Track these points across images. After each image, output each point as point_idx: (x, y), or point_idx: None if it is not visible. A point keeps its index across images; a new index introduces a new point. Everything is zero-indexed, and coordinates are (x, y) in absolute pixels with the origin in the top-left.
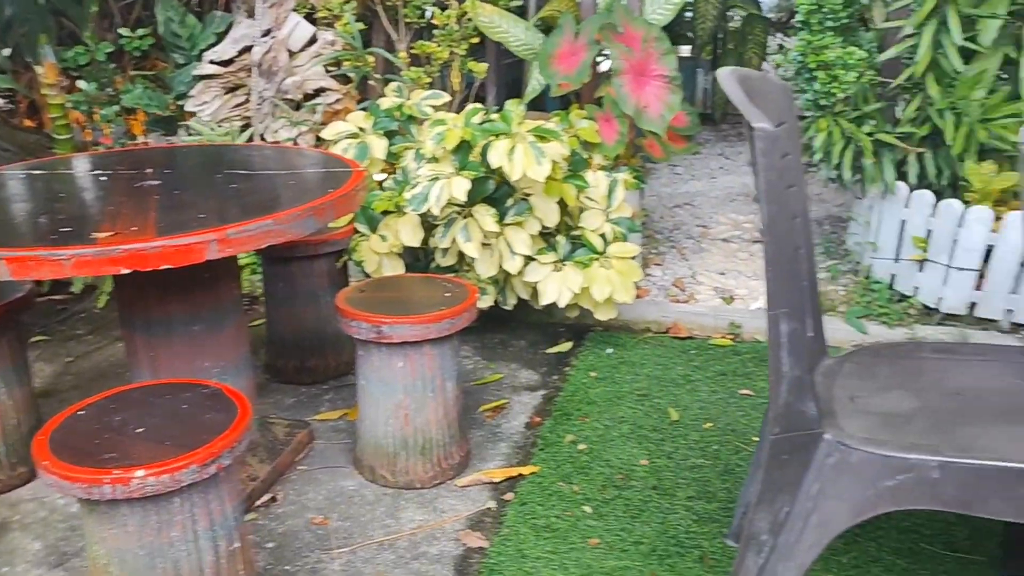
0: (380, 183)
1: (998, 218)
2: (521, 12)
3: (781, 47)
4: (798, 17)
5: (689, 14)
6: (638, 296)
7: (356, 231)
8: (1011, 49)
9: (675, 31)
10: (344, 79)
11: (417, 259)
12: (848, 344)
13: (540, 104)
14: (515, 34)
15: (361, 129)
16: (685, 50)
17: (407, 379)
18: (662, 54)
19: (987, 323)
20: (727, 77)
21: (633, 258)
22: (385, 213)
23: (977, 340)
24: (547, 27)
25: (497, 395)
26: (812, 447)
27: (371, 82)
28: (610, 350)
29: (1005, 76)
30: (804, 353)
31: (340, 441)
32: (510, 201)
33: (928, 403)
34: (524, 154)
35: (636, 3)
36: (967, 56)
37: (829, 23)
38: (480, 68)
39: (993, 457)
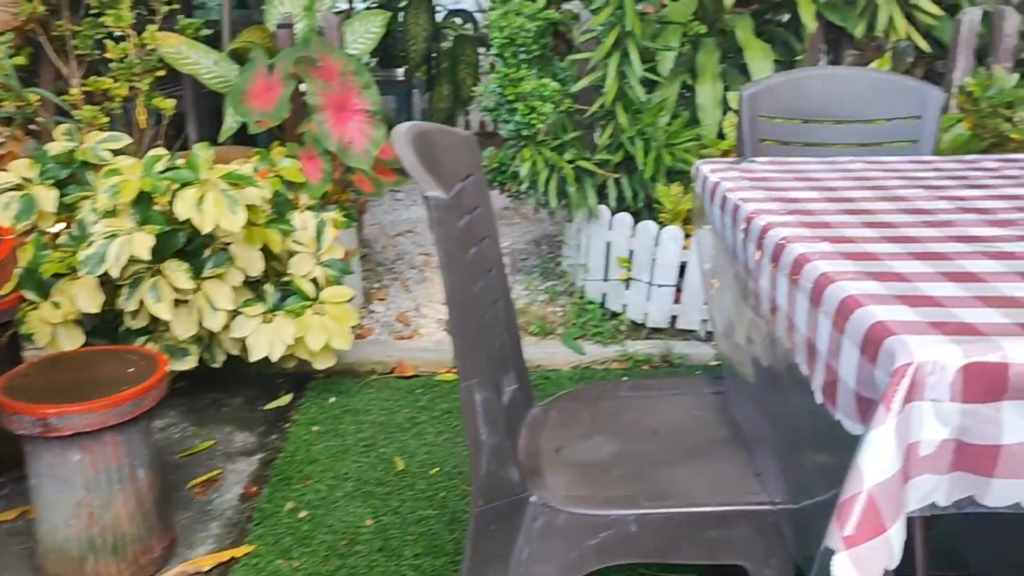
0: (55, 236)
1: (687, 236)
2: (215, 42)
3: (493, 67)
4: (493, 51)
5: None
6: (360, 336)
7: (23, 299)
8: (687, 77)
9: (389, 52)
10: (6, 121)
11: (106, 322)
12: (568, 366)
13: (250, 138)
14: (206, 65)
15: (26, 179)
16: (399, 72)
17: (87, 474)
18: (362, 87)
19: (687, 333)
20: (400, 138)
21: (349, 300)
22: (57, 276)
23: (679, 351)
24: (243, 58)
25: (209, 465)
26: (519, 512)
27: (36, 125)
28: (333, 399)
29: (684, 101)
30: (502, 420)
31: (19, 546)
32: (207, 252)
33: (628, 446)
34: (215, 203)
35: (335, 33)
36: (651, 85)
37: (523, 56)
38: (167, 104)
39: (682, 503)
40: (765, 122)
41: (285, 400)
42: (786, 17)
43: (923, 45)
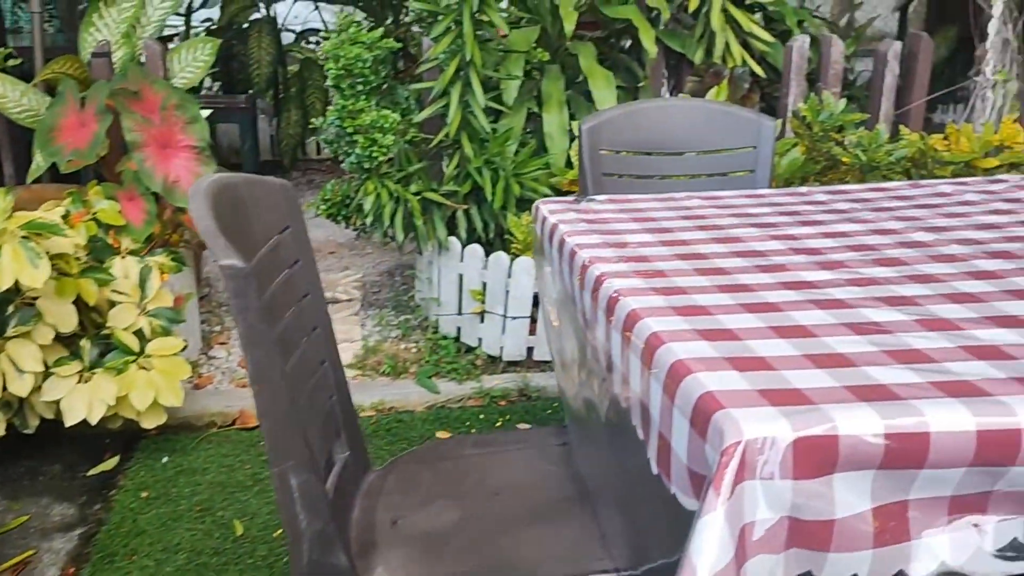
0: None
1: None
2: (26, 74)
3: (328, 96)
4: (328, 82)
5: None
6: (198, 386)
7: None
8: (533, 104)
9: (233, 78)
10: None
11: None
12: (422, 406)
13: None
14: (12, 98)
15: None
16: (242, 98)
17: None
18: (187, 122)
19: (544, 365)
20: (197, 196)
21: (181, 351)
22: None
23: (536, 383)
24: (54, 90)
25: (22, 545)
26: None
27: None
28: (166, 458)
29: (531, 131)
30: (323, 503)
31: None
32: (10, 309)
33: (470, 512)
34: (13, 257)
35: (158, 62)
36: (497, 114)
37: (360, 87)
38: None
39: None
40: (606, 155)
41: (111, 464)
42: (628, 43)
43: (758, 71)
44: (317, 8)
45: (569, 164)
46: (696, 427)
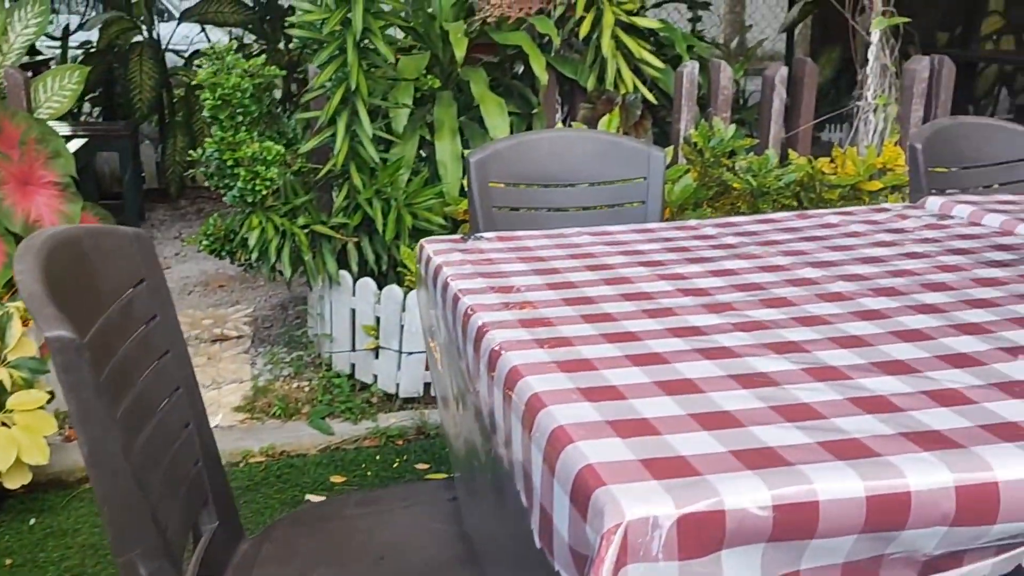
0: None
1: None
2: None
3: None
4: (205, 113)
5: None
6: (68, 438)
7: None
8: (425, 132)
9: (115, 103)
10: None
11: None
12: (316, 449)
13: None
14: None
15: None
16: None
17: None
18: (49, 157)
19: None
20: (26, 257)
21: (47, 404)
22: None
23: (434, 420)
24: None
25: None
26: None
27: None
28: (33, 520)
29: (424, 159)
30: None
31: None
32: None
33: None
34: None
35: (21, 93)
36: (388, 142)
37: (240, 118)
38: None
39: None
40: (496, 188)
41: None
42: (521, 69)
43: (650, 97)
44: (203, 30)
45: (463, 193)
46: (577, 504)
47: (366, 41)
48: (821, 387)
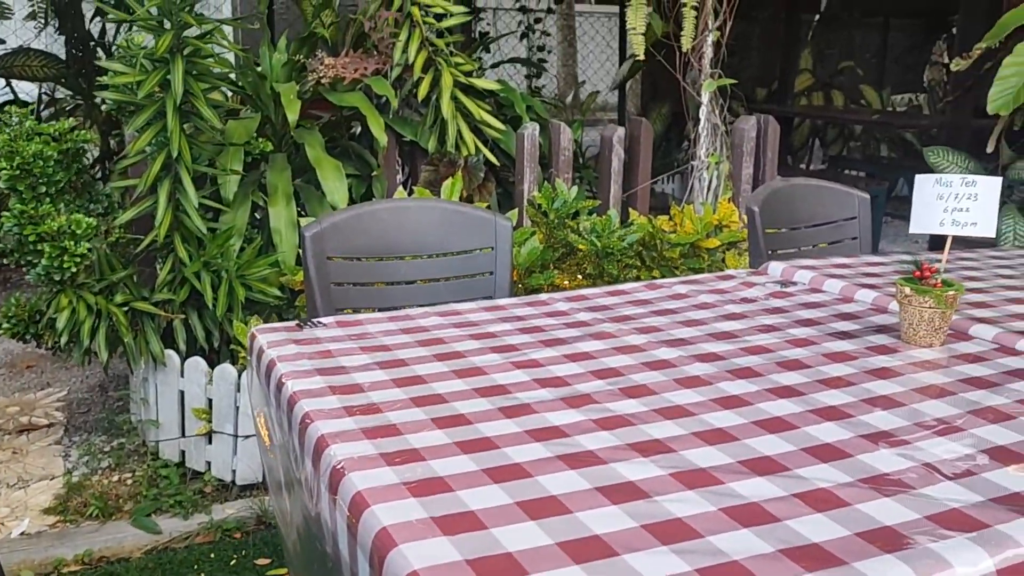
0: None
1: None
2: None
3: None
4: (1, 184)
5: None
6: None
7: None
8: (258, 197)
9: None
10: None
11: None
12: (140, 551)
13: None
14: None
15: None
16: None
17: None
18: None
19: None
20: None
21: None
22: None
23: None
24: None
25: None
26: None
27: None
28: None
29: (257, 226)
30: None
31: None
32: None
33: None
34: None
35: None
36: (217, 211)
37: (44, 188)
38: None
39: None
40: (335, 263)
41: None
42: (358, 130)
43: (492, 159)
44: (9, 84)
45: (300, 261)
46: None
47: (188, 104)
48: (693, 496)
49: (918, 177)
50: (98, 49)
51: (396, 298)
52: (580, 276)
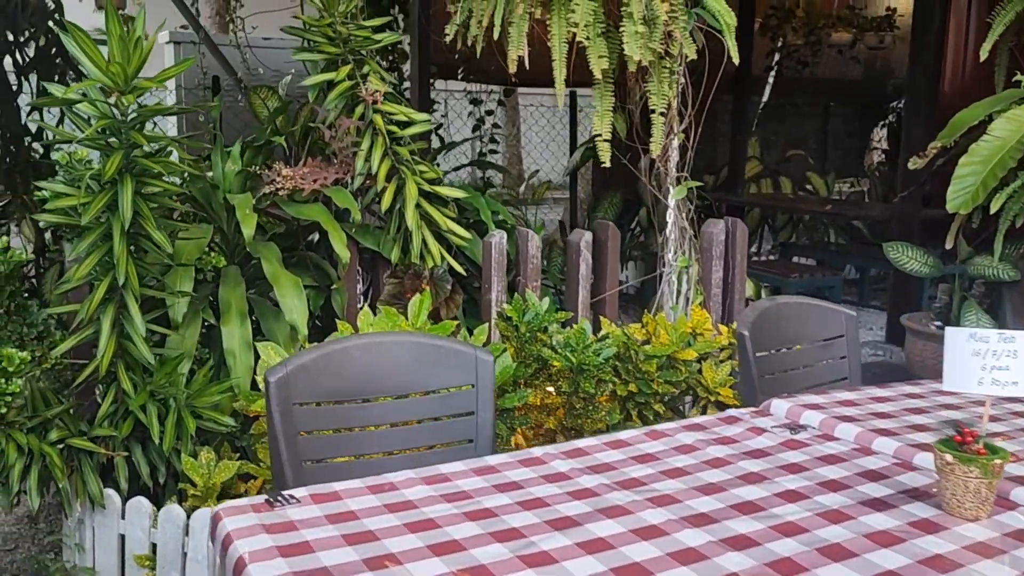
0: None
1: None
2: None
3: None
4: None
5: None
6: None
7: None
8: (209, 314)
9: None
10: None
11: None
12: None
13: None
14: None
15: None
16: None
17: None
18: None
19: None
20: None
21: None
22: None
23: None
24: None
25: None
26: None
27: None
28: None
29: (206, 343)
30: None
31: None
32: None
33: None
34: None
35: None
36: (163, 335)
37: None
38: None
39: None
40: (302, 409)
41: None
42: (316, 238)
43: (458, 268)
44: None
45: (255, 387)
46: None
47: (136, 226)
48: None
49: (948, 330)
50: (33, 144)
51: (370, 444)
52: (554, 392)
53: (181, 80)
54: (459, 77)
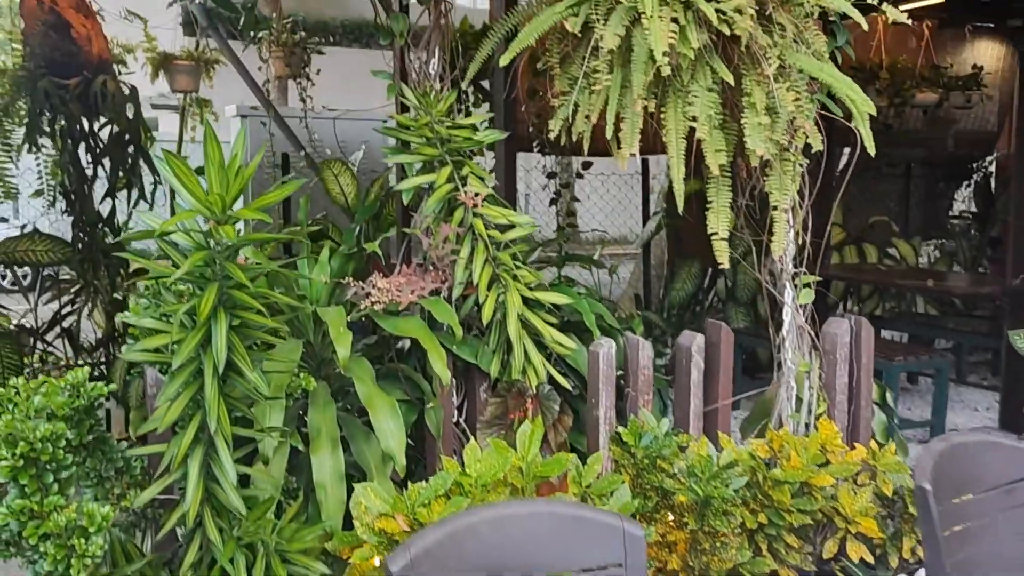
0: None
1: None
2: None
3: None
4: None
5: None
6: None
7: None
8: (296, 440)
9: None
10: None
11: None
12: None
13: None
14: None
15: None
16: None
17: None
18: None
19: None
20: None
21: None
22: None
23: None
24: None
25: None
26: None
27: None
28: None
29: (292, 472)
30: None
31: None
32: None
33: None
34: None
35: None
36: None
37: (51, 476)
38: None
39: None
40: None
41: None
42: (407, 346)
43: (565, 384)
44: (11, 268)
45: (349, 523)
46: None
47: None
48: None
49: None
50: (105, 229)
51: None
52: (677, 528)
53: (247, 158)
54: (534, 150)
